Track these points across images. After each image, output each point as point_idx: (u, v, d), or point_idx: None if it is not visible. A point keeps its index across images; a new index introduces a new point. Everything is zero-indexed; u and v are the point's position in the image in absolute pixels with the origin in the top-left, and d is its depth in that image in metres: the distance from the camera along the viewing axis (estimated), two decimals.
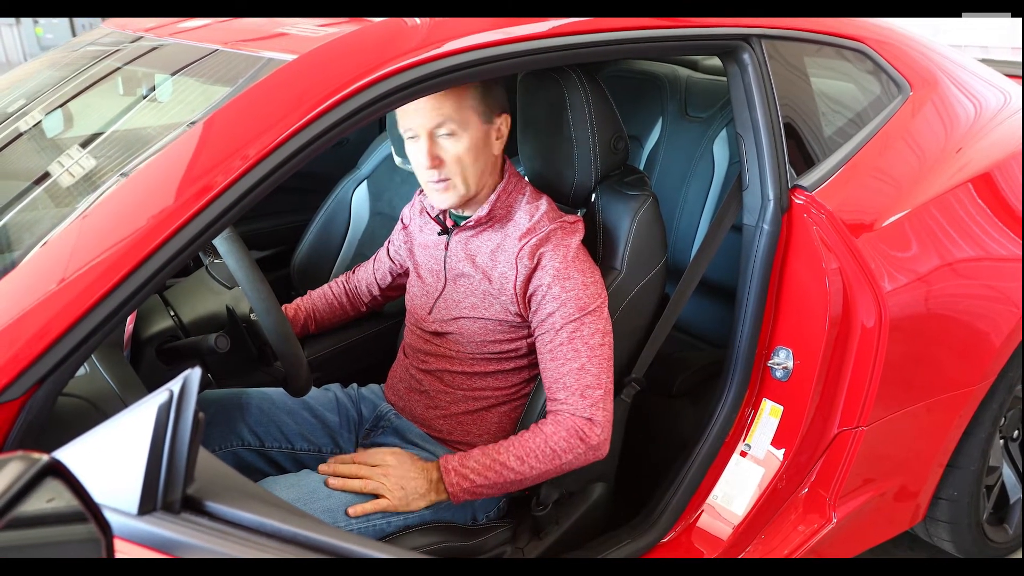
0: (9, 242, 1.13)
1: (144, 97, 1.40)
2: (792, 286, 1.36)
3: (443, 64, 1.03)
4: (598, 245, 1.35)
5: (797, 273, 1.35)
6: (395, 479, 1.18)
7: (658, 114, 2.03)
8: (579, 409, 1.19)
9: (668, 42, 1.26)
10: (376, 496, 1.18)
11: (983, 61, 1.86)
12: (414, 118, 1.18)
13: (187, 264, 0.95)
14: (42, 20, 10.58)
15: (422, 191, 1.43)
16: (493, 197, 1.25)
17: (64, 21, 10.67)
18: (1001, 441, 1.73)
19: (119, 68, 1.40)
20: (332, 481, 1.18)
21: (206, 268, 1.39)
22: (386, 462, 1.20)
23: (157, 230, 0.87)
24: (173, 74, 1.32)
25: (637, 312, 1.34)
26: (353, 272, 1.63)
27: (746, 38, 1.30)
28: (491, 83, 1.22)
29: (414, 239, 1.41)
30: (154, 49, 1.39)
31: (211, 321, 1.30)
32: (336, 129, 0.96)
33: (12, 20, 10.54)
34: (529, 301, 1.22)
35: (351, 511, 1.16)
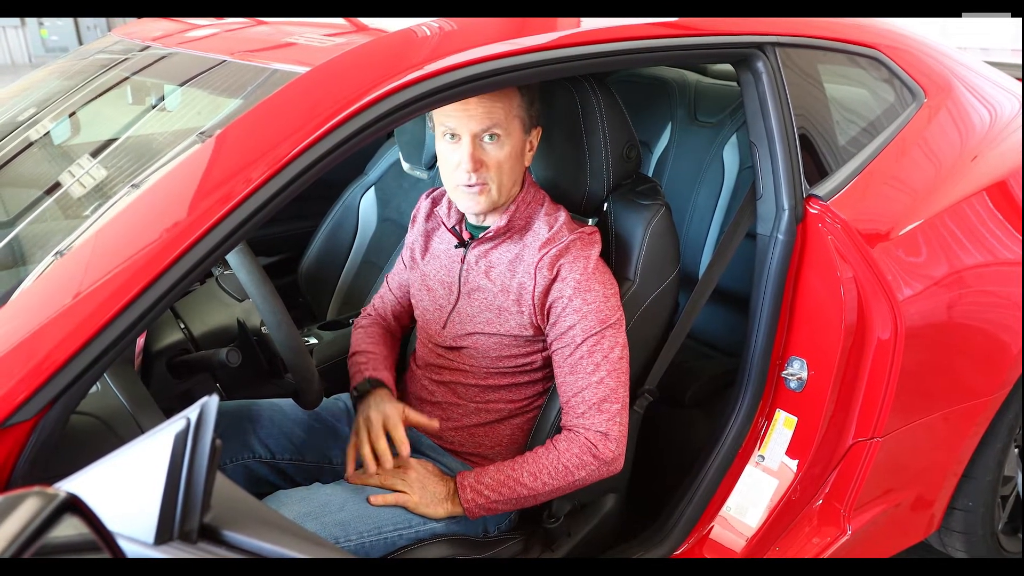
0: (23, 254, 1.13)
1: (153, 107, 1.40)
2: (806, 296, 1.34)
3: (455, 76, 1.02)
4: (611, 255, 1.34)
5: (812, 283, 1.34)
6: (415, 478, 1.22)
7: (667, 119, 2.01)
8: (594, 423, 1.18)
9: (682, 51, 1.25)
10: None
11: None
12: (461, 119, 1.15)
13: None
14: (47, 21, 10.61)
15: (428, 195, 1.42)
16: (513, 207, 1.24)
17: (68, 23, 10.69)
18: (1016, 451, 1.71)
19: (127, 78, 1.39)
20: (351, 476, 1.22)
21: (216, 280, 1.38)
22: (407, 464, 1.23)
23: (172, 245, 0.86)
24: (181, 84, 1.31)
25: (650, 323, 1.33)
26: (375, 311, 1.50)
27: (760, 46, 1.28)
28: (535, 95, 1.21)
29: (426, 245, 1.39)
30: (162, 59, 1.38)
31: (222, 334, 1.29)
32: (351, 141, 0.95)
33: (17, 22, 10.57)
34: (548, 313, 1.21)
35: (373, 499, 1.18)
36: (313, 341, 1.69)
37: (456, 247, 1.30)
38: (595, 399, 1.18)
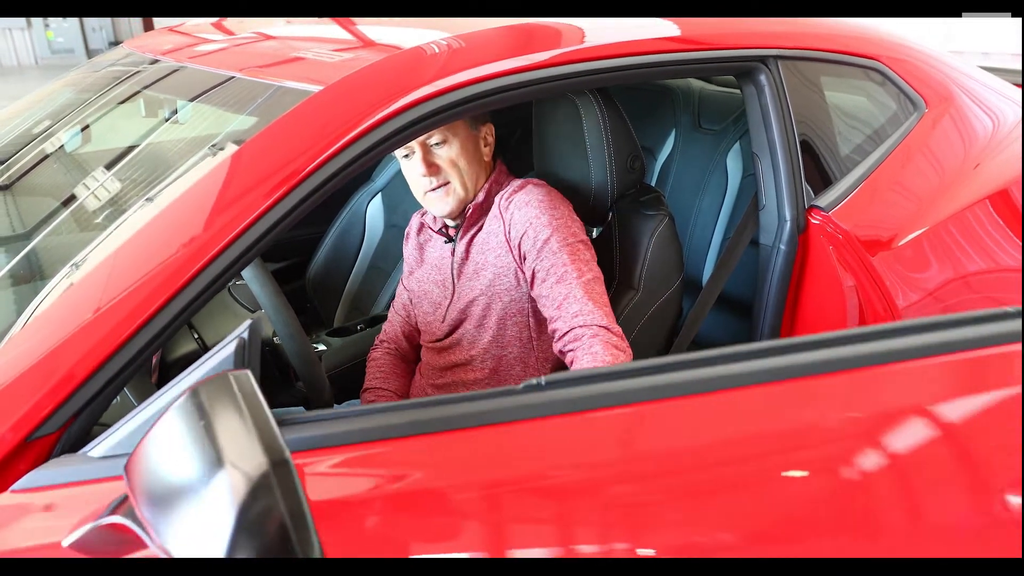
0: (40, 266, 1.15)
1: (166, 120, 1.42)
2: (809, 305, 1.36)
3: (463, 93, 1.04)
4: (615, 264, 1.36)
5: (814, 292, 1.35)
6: None
7: (671, 126, 2.03)
8: (594, 319, 1.15)
9: (686, 65, 1.27)
10: None
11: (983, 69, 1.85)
12: None
13: None
14: (52, 23, 10.66)
15: (419, 213, 1.46)
16: (487, 185, 1.30)
17: (74, 25, 10.75)
18: None
19: (139, 92, 1.42)
20: None
21: (228, 290, 1.41)
22: None
23: (190, 261, 0.88)
24: (192, 100, 1.33)
25: (655, 330, 1.35)
26: (387, 337, 1.52)
27: (763, 59, 1.30)
28: None
29: (420, 257, 1.42)
30: (173, 72, 1.41)
31: None
32: (365, 157, 0.98)
33: (24, 24, 10.63)
34: (521, 242, 1.24)
35: None
36: (322, 348, 1.72)
37: (446, 243, 1.35)
38: (591, 295, 1.17)
